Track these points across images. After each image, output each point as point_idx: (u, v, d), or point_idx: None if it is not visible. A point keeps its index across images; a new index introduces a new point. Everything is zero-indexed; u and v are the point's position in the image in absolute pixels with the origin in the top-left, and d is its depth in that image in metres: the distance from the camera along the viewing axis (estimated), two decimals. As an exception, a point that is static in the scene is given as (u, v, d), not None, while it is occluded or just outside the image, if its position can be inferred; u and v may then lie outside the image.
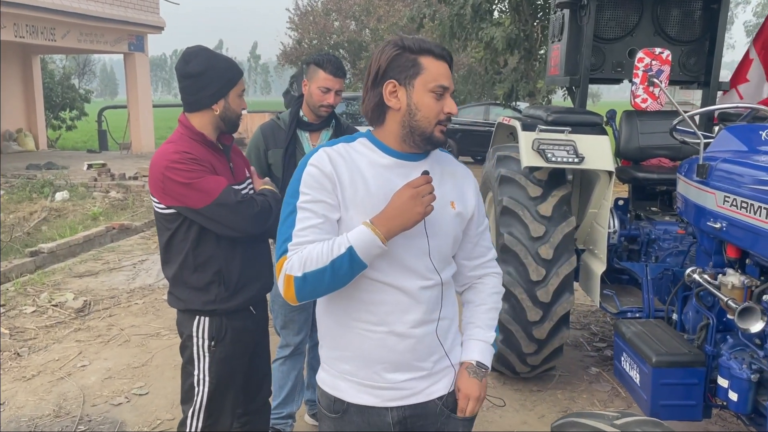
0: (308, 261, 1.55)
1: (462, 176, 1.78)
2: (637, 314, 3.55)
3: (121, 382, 4.15)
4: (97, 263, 7.03)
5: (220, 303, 2.34)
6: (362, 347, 1.68)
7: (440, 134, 1.65)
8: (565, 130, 3.59)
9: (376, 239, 1.53)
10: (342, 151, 1.67)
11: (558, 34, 4.61)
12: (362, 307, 1.67)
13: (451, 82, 1.65)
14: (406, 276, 1.65)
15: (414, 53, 1.61)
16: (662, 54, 2.85)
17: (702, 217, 2.84)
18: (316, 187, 1.61)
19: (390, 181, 1.63)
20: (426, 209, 1.54)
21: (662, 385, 2.69)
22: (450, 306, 1.77)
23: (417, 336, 1.67)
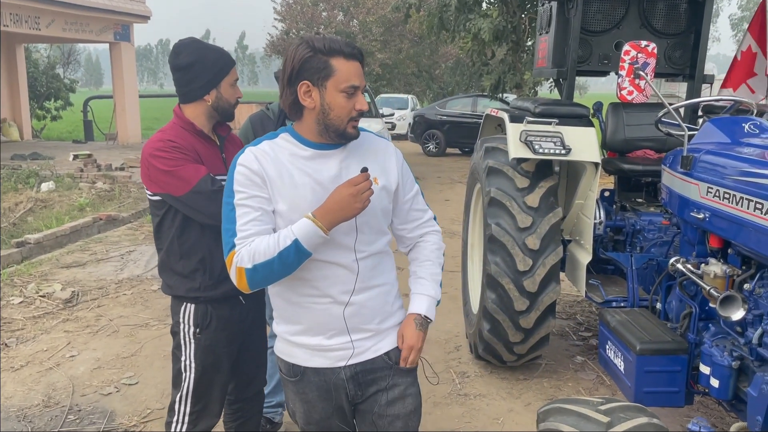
0: (257, 254, 1.73)
1: (383, 151, 1.94)
2: (622, 303, 3.61)
3: (111, 372, 4.15)
4: (85, 254, 7.01)
5: (205, 291, 2.37)
6: (311, 318, 1.88)
7: (353, 129, 1.80)
8: (553, 121, 3.63)
9: (319, 231, 1.72)
10: (267, 149, 1.82)
11: (545, 26, 4.64)
12: (307, 284, 1.85)
13: (362, 80, 1.78)
14: (340, 252, 1.83)
15: (325, 55, 1.73)
16: (648, 47, 2.89)
17: (685, 208, 2.89)
18: (248, 184, 1.77)
19: (315, 171, 1.81)
20: (364, 204, 1.73)
21: (646, 372, 2.74)
22: (387, 272, 1.96)
23: (358, 302, 1.87)
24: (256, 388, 2.68)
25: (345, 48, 1.75)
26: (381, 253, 1.93)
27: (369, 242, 1.88)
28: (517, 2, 12.63)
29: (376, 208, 1.85)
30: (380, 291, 1.93)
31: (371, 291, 1.90)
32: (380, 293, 1.93)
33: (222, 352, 2.44)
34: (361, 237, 1.87)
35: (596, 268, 4.02)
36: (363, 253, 1.87)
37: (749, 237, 2.40)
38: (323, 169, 1.83)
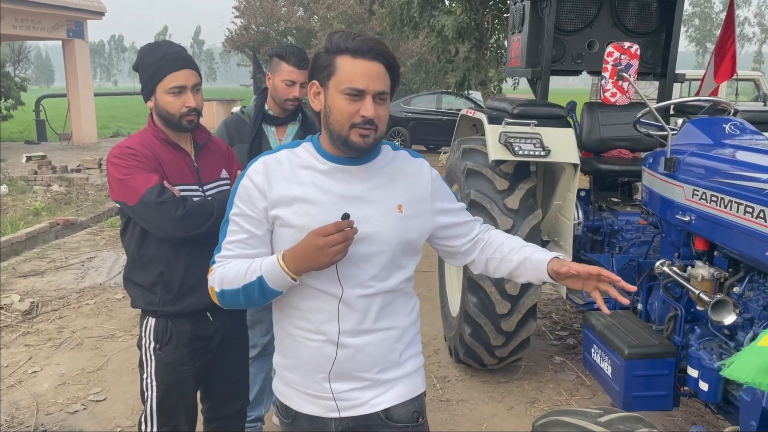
0: (225, 279, 1.61)
1: (415, 174, 1.70)
2: (604, 305, 3.59)
3: (76, 388, 3.97)
4: (43, 261, 6.73)
5: (164, 305, 2.27)
6: (302, 355, 1.67)
7: (358, 138, 1.54)
8: (531, 123, 3.59)
9: (285, 275, 1.54)
10: (282, 158, 1.65)
11: (518, 25, 4.60)
12: (299, 314, 1.65)
13: (372, 83, 1.52)
14: (345, 284, 1.60)
15: (332, 53, 1.54)
16: (631, 48, 2.86)
17: (669, 210, 2.87)
18: (246, 200, 1.62)
19: (329, 186, 1.60)
20: (332, 260, 1.49)
21: (634, 376, 2.72)
22: (400, 315, 1.70)
23: (356, 345, 1.62)
24: (236, 406, 2.56)
25: (354, 45, 1.52)
26: (395, 292, 1.67)
27: (380, 277, 1.63)
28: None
29: (394, 241, 1.61)
30: (386, 336, 1.66)
31: (374, 335, 1.64)
32: (385, 338, 1.66)
33: (184, 370, 2.32)
34: (370, 270, 1.62)
35: (575, 268, 4.01)
36: (370, 289, 1.62)
37: (738, 240, 2.39)
38: (342, 186, 1.61)
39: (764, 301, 2.37)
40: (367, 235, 1.59)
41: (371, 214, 1.60)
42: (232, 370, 2.51)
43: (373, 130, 1.54)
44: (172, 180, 2.21)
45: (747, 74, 12.70)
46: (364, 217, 1.57)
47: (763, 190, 2.25)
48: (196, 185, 2.28)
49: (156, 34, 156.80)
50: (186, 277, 2.26)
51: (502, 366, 3.98)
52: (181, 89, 2.18)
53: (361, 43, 1.52)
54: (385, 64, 1.54)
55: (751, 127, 2.93)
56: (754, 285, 2.45)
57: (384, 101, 1.56)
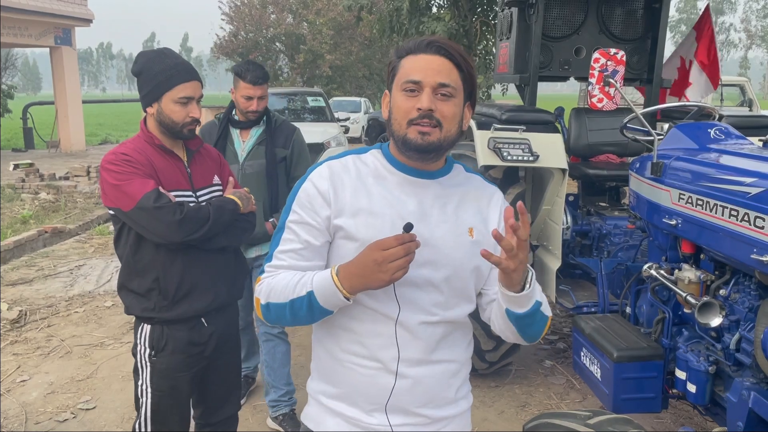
0: (273, 291, 1.47)
1: (488, 198, 1.56)
2: (593, 309, 3.63)
3: (66, 397, 3.94)
4: (31, 270, 6.68)
5: (160, 312, 2.28)
6: (352, 383, 1.49)
7: (416, 135, 1.39)
8: (520, 128, 3.63)
9: (338, 293, 1.38)
10: (348, 163, 1.52)
11: (506, 32, 4.65)
12: (353, 338, 1.49)
13: (431, 75, 1.40)
14: (405, 307, 1.45)
15: (398, 57, 1.46)
16: (617, 54, 2.90)
17: (656, 214, 2.91)
18: (307, 206, 1.48)
19: (397, 199, 1.47)
20: (392, 277, 1.33)
21: (623, 379, 2.75)
22: (459, 348, 1.56)
23: (414, 377, 1.47)
24: (227, 412, 2.57)
25: (417, 44, 1.44)
26: (457, 323, 1.53)
27: (447, 305, 1.48)
28: (468, 6, 12.73)
29: (464, 265, 1.46)
30: (445, 369, 1.51)
31: (433, 366, 1.49)
32: (444, 372, 1.51)
33: (179, 376, 2.33)
34: (438, 297, 1.47)
35: (563, 273, 4.04)
36: (435, 317, 1.47)
37: (723, 243, 2.42)
38: (412, 201, 1.47)
39: (750, 303, 2.41)
40: (437, 258, 1.45)
41: (442, 234, 1.47)
42: (226, 375, 2.53)
43: (436, 127, 1.39)
44: (167, 186, 2.23)
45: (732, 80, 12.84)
46: (432, 236, 1.45)
47: (748, 193, 2.28)
48: (189, 191, 2.31)
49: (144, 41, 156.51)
50: (182, 282, 2.27)
51: (492, 370, 3.99)
52: (189, 100, 2.23)
53: (423, 39, 1.44)
54: (450, 60, 1.42)
55: (736, 132, 2.98)
56: (739, 287, 2.48)
57: (449, 97, 1.41)
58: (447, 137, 1.41)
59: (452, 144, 1.44)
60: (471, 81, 1.45)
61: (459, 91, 1.43)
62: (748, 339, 2.36)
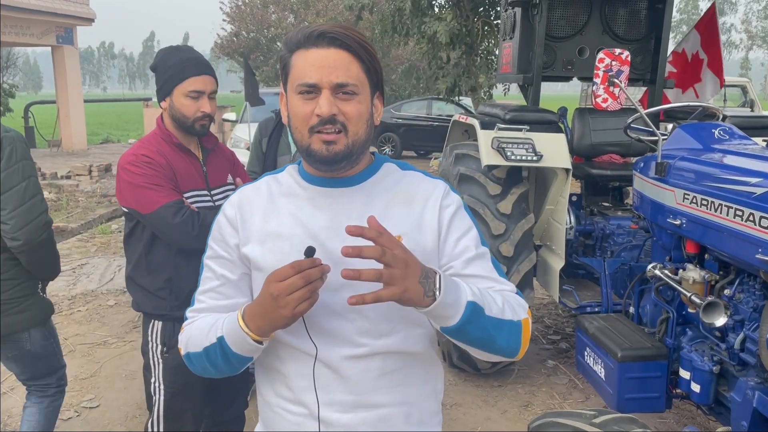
0: (190, 340, 1.32)
1: (423, 197, 1.32)
2: (596, 309, 3.63)
3: (69, 396, 3.93)
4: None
5: (171, 310, 2.29)
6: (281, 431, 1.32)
7: (320, 146, 1.21)
8: (523, 128, 3.63)
9: (246, 337, 1.20)
10: (261, 186, 1.36)
11: (509, 32, 4.65)
12: (280, 379, 1.31)
13: (327, 74, 1.20)
14: (323, 340, 1.24)
15: (289, 51, 1.25)
16: (622, 54, 2.91)
17: (661, 214, 2.91)
18: (218, 238, 1.35)
19: (309, 216, 1.28)
20: (294, 312, 1.13)
21: (627, 379, 2.75)
22: (411, 386, 1.31)
23: (346, 424, 1.26)
24: (235, 411, 2.58)
25: (305, 34, 1.23)
26: (397, 355, 1.27)
27: (377, 333, 1.25)
28: (471, 6, 12.75)
29: None
30: (386, 414, 1.27)
31: (368, 411, 1.26)
32: (386, 417, 1.27)
33: (190, 376, 2.31)
34: (363, 324, 1.24)
35: (566, 272, 4.04)
36: (361, 349, 1.24)
37: (728, 243, 2.43)
38: (324, 215, 1.28)
39: (754, 302, 2.41)
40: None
41: None
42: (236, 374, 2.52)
43: (341, 133, 1.21)
44: (183, 186, 2.24)
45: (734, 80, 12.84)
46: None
47: (753, 193, 2.28)
48: (204, 190, 2.33)
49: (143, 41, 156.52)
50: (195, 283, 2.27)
51: (495, 370, 4.00)
52: (199, 94, 2.22)
53: (313, 29, 1.22)
54: (347, 50, 1.22)
55: (739, 132, 2.98)
56: (744, 287, 2.49)
57: (352, 96, 1.22)
58: (356, 141, 1.23)
59: (364, 147, 1.26)
60: (375, 70, 1.26)
61: (363, 85, 1.24)
62: (752, 339, 2.36)
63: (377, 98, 1.30)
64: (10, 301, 2.39)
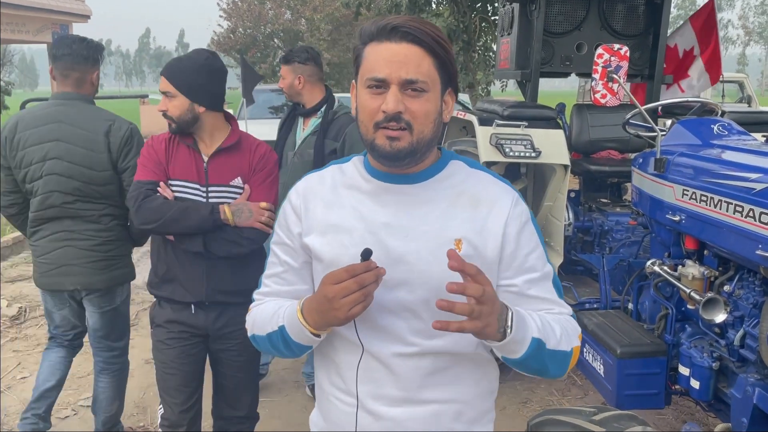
0: (255, 323, 1.38)
1: (489, 202, 1.28)
2: (595, 305, 3.62)
3: (66, 394, 3.92)
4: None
5: (152, 287, 2.46)
6: (335, 420, 1.36)
7: (384, 141, 1.21)
8: (522, 124, 3.62)
9: (304, 330, 1.25)
10: (326, 175, 1.37)
11: (507, 27, 4.64)
12: (333, 368, 1.35)
13: (397, 69, 1.19)
14: (376, 336, 1.27)
15: (362, 43, 1.25)
16: (621, 50, 2.89)
17: (659, 210, 2.90)
18: (283, 225, 1.38)
19: (370, 211, 1.28)
20: (348, 314, 1.16)
21: (627, 375, 2.75)
22: (461, 385, 1.31)
23: (394, 418, 1.28)
24: (239, 412, 2.58)
25: (379, 27, 1.21)
26: (454, 356, 1.29)
27: (428, 334, 1.25)
28: (468, 2, 12.71)
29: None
30: (436, 411, 1.29)
31: (417, 407, 1.28)
32: (435, 414, 1.29)
33: (165, 350, 2.43)
34: (416, 324, 1.26)
35: (564, 269, 4.04)
36: (412, 348, 1.26)
37: (728, 239, 2.42)
38: (386, 212, 1.27)
39: (754, 299, 2.40)
40: (410, 278, 1.24)
41: (418, 249, 1.25)
42: (236, 372, 2.53)
43: (405, 130, 1.20)
44: (175, 175, 2.33)
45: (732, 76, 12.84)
46: (407, 252, 1.24)
47: (752, 189, 2.27)
48: (198, 184, 2.34)
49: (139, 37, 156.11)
50: (166, 270, 2.40)
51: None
52: (162, 93, 2.32)
53: (386, 22, 1.21)
54: (420, 46, 1.20)
55: (738, 127, 2.97)
56: (744, 283, 2.48)
57: (420, 93, 1.20)
58: (421, 139, 1.22)
59: (429, 145, 1.25)
60: (449, 66, 1.24)
61: (433, 83, 1.22)
62: (752, 335, 2.36)
63: (449, 94, 1.29)
64: (116, 257, 2.86)
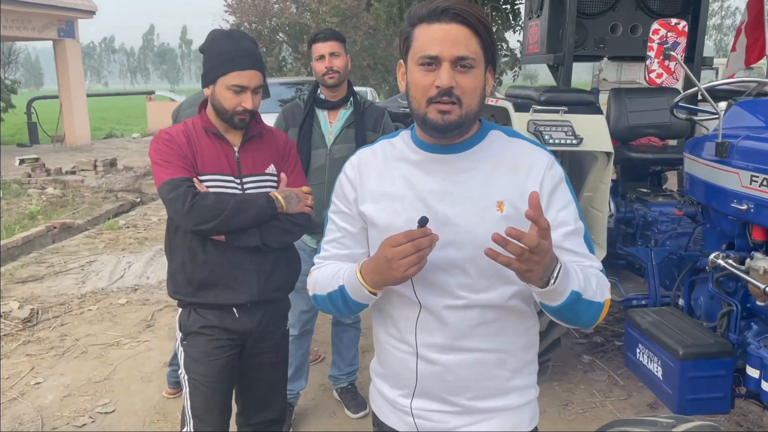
0: (316, 284, 1.52)
1: (527, 166, 1.40)
2: (643, 301, 3.40)
3: (83, 400, 3.75)
4: (41, 267, 6.49)
5: (186, 295, 2.22)
6: (392, 366, 1.51)
7: (436, 115, 1.32)
8: (561, 110, 3.39)
9: (363, 288, 1.38)
10: (377, 149, 1.52)
11: (537, 10, 4.41)
12: (389, 321, 1.49)
13: (448, 48, 1.29)
14: (428, 291, 1.40)
15: (411, 25, 1.36)
16: (678, 25, 2.67)
17: (721, 198, 2.68)
18: (340, 195, 1.53)
19: (419, 180, 1.41)
20: (404, 274, 1.28)
21: (690, 378, 2.53)
22: (503, 336, 1.43)
23: (444, 363, 1.42)
24: (269, 415, 2.40)
25: (429, 9, 1.32)
26: (495, 308, 1.40)
27: (475, 288, 1.38)
28: (479, -9, 12.44)
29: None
30: (481, 358, 1.42)
31: (464, 354, 1.41)
32: (480, 361, 1.42)
33: (209, 362, 2.20)
34: (463, 279, 1.38)
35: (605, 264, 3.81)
36: (461, 301, 1.39)
37: (807, 229, 2.20)
38: (433, 180, 1.40)
39: (837, 294, 2.19)
40: (457, 238, 1.37)
41: (463, 211, 1.37)
42: (268, 374, 2.36)
43: (456, 104, 1.31)
44: (206, 169, 2.12)
45: None
46: (454, 215, 1.37)
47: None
48: (232, 176, 2.17)
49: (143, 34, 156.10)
50: (207, 274, 2.16)
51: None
52: (242, 89, 2.10)
53: (437, 5, 1.31)
54: (468, 26, 1.31)
55: (802, 108, 2.75)
56: (825, 277, 2.27)
57: (469, 69, 1.31)
58: (468, 112, 1.34)
59: (475, 116, 1.37)
60: (491, 46, 1.36)
61: (479, 60, 1.33)
62: (837, 334, 2.14)
63: (489, 72, 1.39)
64: None
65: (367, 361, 4.06)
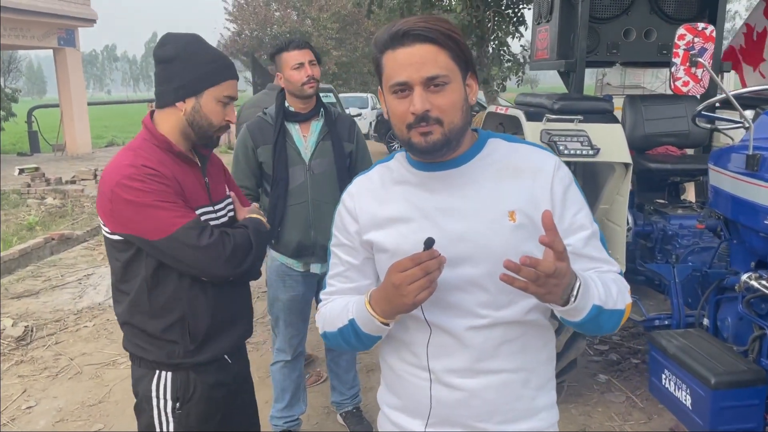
0: (326, 321, 1.46)
1: (533, 172, 1.34)
2: (666, 321, 3.22)
3: (77, 425, 3.58)
4: (37, 281, 6.33)
5: (186, 357, 1.87)
6: (410, 394, 1.42)
7: (419, 139, 1.28)
8: (576, 118, 3.23)
9: (373, 320, 1.32)
10: (373, 174, 1.47)
11: (546, 14, 4.24)
12: (406, 348, 1.41)
13: (416, 70, 1.25)
14: (447, 312, 1.33)
15: (379, 52, 1.32)
16: (706, 30, 2.50)
17: (751, 213, 2.51)
18: (340, 227, 1.47)
19: (423, 200, 1.36)
20: (415, 300, 1.22)
21: (722, 408, 2.35)
22: (527, 353, 1.38)
23: (469, 389, 1.35)
24: None
25: (390, 35, 1.27)
26: (517, 324, 1.34)
27: (497, 304, 1.32)
28: (481, -3, 12.33)
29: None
30: (507, 379, 1.35)
31: (490, 377, 1.34)
32: (507, 382, 1.35)
33: (208, 426, 1.93)
34: (483, 296, 1.31)
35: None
36: (483, 320, 1.32)
37: None
38: (437, 198, 1.35)
39: None
40: (472, 254, 1.30)
41: (474, 226, 1.31)
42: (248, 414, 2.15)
43: (436, 124, 1.27)
44: (191, 203, 1.83)
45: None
46: (465, 230, 1.31)
47: None
48: (209, 206, 1.91)
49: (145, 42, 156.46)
50: (214, 319, 1.89)
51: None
52: (231, 100, 1.87)
53: (397, 29, 1.26)
54: (432, 43, 1.25)
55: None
56: None
57: (443, 87, 1.26)
58: (452, 129, 1.28)
59: (462, 131, 1.31)
60: (463, 54, 1.30)
61: (453, 72, 1.28)
62: None
63: (470, 78, 1.33)
64: None
65: (371, 381, 3.92)
